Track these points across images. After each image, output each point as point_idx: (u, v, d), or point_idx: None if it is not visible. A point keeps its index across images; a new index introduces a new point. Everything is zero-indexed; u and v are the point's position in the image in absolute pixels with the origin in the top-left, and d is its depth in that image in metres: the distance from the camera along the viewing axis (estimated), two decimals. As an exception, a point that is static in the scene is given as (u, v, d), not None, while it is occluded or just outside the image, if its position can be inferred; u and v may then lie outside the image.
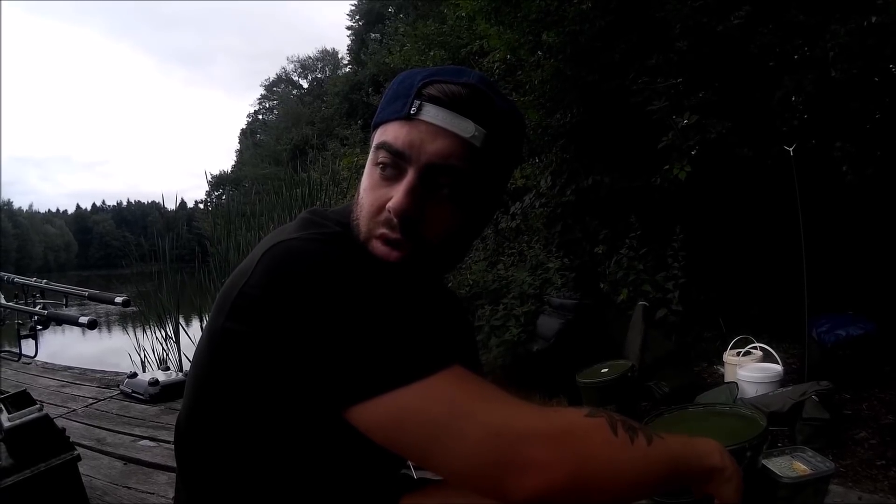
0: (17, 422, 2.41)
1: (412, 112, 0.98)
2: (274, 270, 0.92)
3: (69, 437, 2.64)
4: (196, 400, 1.05)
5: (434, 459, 0.85)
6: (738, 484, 0.97)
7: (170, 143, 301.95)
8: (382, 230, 1.01)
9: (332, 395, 0.87)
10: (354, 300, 0.88)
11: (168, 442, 3.82)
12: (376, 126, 1.06)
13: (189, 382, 1.09)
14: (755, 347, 4.43)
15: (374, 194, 1.02)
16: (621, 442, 0.86)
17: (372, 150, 1.05)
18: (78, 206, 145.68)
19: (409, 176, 0.98)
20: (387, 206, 0.99)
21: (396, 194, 0.98)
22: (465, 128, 0.98)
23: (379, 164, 1.02)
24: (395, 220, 0.98)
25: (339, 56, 63.30)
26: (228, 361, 0.96)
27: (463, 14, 8.80)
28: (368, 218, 1.02)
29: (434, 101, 0.98)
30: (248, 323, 0.92)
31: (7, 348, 2.83)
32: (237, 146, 70.77)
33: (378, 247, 1.01)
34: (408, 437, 0.85)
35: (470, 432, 0.82)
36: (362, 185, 1.06)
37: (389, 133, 1.00)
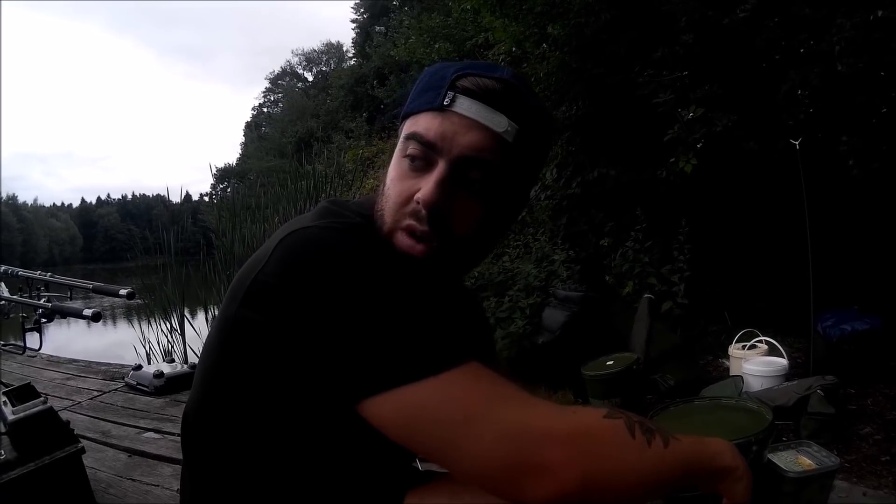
0: (22, 415, 2.42)
1: (445, 103, 0.97)
2: (289, 259, 0.91)
3: (74, 430, 2.65)
4: (205, 390, 1.05)
5: (447, 458, 0.85)
6: (748, 483, 0.96)
7: (173, 137, 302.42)
8: (409, 221, 1.00)
9: (345, 388, 0.86)
10: (370, 292, 0.87)
11: (173, 434, 3.83)
12: (406, 116, 1.05)
13: (198, 372, 1.08)
14: (760, 341, 4.43)
15: (401, 185, 1.01)
16: (638, 445, 0.85)
17: (401, 140, 1.04)
18: (83, 200, 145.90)
19: (440, 168, 0.97)
20: (415, 197, 0.98)
21: (426, 185, 0.97)
22: (498, 122, 0.97)
23: (408, 155, 1.00)
24: (423, 211, 0.97)
25: (344, 49, 63.29)
26: (240, 350, 0.95)
27: (468, 6, 8.77)
28: (395, 209, 1.01)
29: (468, 93, 0.97)
30: (261, 311, 0.91)
31: (12, 341, 2.84)
32: (242, 139, 71.00)
33: (403, 239, 1.00)
34: (421, 434, 0.85)
35: (485, 433, 0.81)
36: (389, 176, 1.05)
37: (420, 124, 0.99)
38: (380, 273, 0.90)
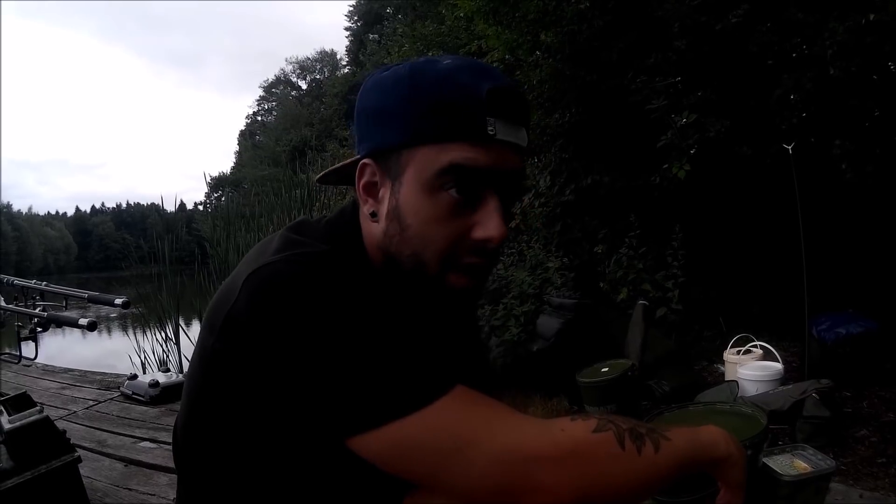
0: (18, 424, 2.41)
1: (491, 133, 0.90)
2: (257, 298, 0.88)
3: (70, 439, 2.65)
4: (191, 413, 1.03)
5: (440, 487, 0.84)
6: (742, 467, 0.97)
7: (167, 145, 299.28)
8: (470, 260, 0.96)
9: (330, 428, 0.85)
10: (344, 327, 0.85)
11: (168, 444, 3.79)
12: (420, 142, 0.93)
13: (185, 390, 1.06)
14: (755, 346, 4.43)
15: (447, 225, 0.94)
16: (629, 455, 0.85)
17: (431, 174, 0.92)
18: (77, 209, 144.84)
19: (495, 200, 0.93)
20: (478, 235, 0.93)
21: (491, 222, 0.93)
22: (523, 137, 0.95)
23: (451, 190, 0.92)
24: (491, 246, 0.94)
25: (338, 57, 63.33)
26: (220, 382, 0.93)
27: (461, 14, 8.80)
28: (444, 251, 0.95)
29: (505, 117, 0.91)
30: (237, 347, 0.89)
31: (7, 350, 2.83)
32: (236, 148, 71.00)
33: (459, 279, 0.97)
34: (411, 466, 0.84)
35: (475, 460, 0.81)
36: (418, 216, 0.95)
37: (461, 154, 0.91)
38: (351, 306, 0.87)
